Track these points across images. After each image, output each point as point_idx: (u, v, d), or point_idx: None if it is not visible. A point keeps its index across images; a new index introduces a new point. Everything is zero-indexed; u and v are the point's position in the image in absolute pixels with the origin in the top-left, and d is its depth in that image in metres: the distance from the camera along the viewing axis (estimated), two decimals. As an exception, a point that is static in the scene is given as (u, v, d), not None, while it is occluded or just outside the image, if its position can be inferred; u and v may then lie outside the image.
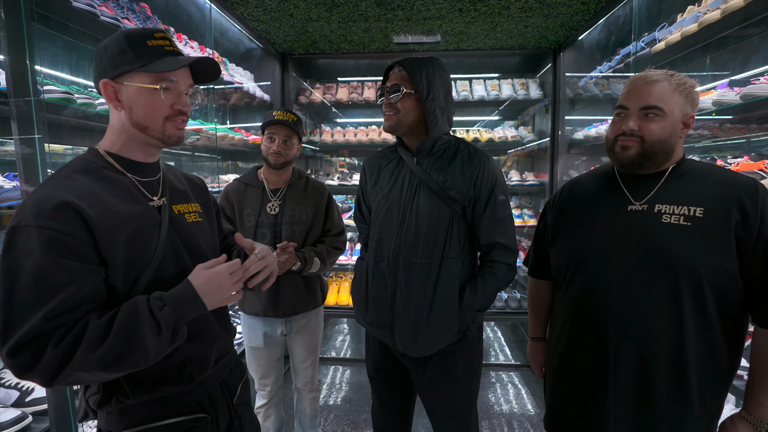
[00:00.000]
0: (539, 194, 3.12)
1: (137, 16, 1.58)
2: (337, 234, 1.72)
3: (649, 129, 0.92)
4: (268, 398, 1.75)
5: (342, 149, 3.26)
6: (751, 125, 1.63)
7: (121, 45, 0.74)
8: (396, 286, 1.21)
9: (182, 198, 0.91)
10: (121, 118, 0.78)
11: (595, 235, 1.00)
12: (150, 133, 0.79)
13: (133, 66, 0.74)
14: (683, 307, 0.88)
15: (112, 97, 0.76)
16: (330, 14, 2.16)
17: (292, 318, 1.68)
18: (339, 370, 2.89)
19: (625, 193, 0.99)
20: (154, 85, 0.75)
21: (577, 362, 1.02)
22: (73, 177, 0.74)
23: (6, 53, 0.95)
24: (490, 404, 2.44)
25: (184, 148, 2.25)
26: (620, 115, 0.97)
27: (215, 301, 0.77)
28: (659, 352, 0.90)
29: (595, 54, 2.33)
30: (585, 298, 1.00)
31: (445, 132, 1.23)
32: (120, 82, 0.75)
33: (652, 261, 0.91)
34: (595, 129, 2.34)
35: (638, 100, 0.93)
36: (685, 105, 0.92)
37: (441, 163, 1.21)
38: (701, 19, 1.43)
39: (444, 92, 1.20)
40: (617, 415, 0.95)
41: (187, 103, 0.81)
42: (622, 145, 0.95)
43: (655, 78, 0.92)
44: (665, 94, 0.91)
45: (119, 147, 0.80)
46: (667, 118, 0.91)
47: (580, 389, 1.02)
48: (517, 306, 2.81)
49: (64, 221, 0.67)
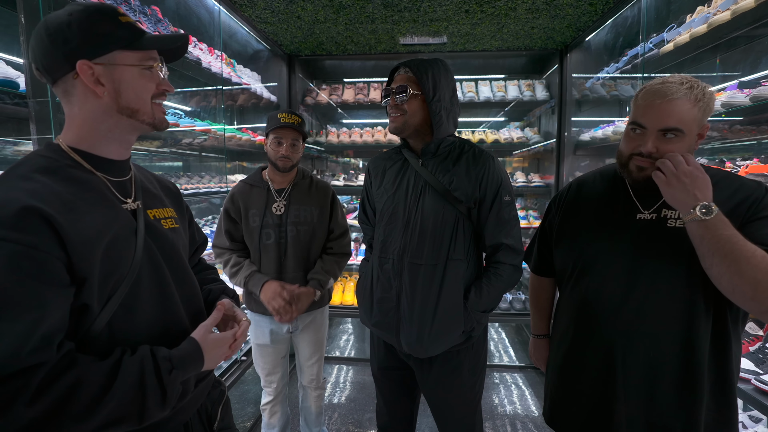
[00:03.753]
0: (545, 196, 3.12)
1: (149, 19, 1.60)
2: (341, 235, 1.73)
3: (668, 151, 0.88)
4: (274, 395, 1.77)
5: (348, 150, 3.28)
6: (762, 127, 1.62)
7: (95, 19, 0.65)
8: (401, 288, 1.21)
9: (156, 202, 0.81)
10: (102, 105, 0.67)
11: (601, 241, 1.00)
12: (140, 117, 0.71)
13: (119, 44, 0.66)
14: (691, 307, 0.88)
15: (92, 80, 0.65)
16: (337, 16, 2.17)
17: (298, 316, 1.70)
18: (343, 369, 2.90)
19: (634, 201, 0.98)
20: (143, 63, 0.69)
21: (583, 362, 1.03)
22: (33, 177, 0.61)
23: (26, 56, 0.98)
24: (494, 405, 2.44)
25: (192, 148, 2.28)
26: (636, 131, 0.93)
27: (212, 364, 0.74)
28: (669, 352, 0.91)
29: (602, 55, 2.32)
30: (591, 301, 1.00)
31: (450, 133, 1.23)
32: (101, 63, 0.65)
33: (659, 265, 0.91)
34: (601, 131, 2.33)
35: (657, 121, 0.88)
36: (703, 117, 0.88)
37: (446, 164, 1.21)
38: (711, 20, 1.42)
39: (449, 93, 1.20)
40: (629, 414, 0.95)
41: (168, 82, 0.74)
42: (639, 166, 0.92)
43: (675, 96, 0.86)
44: (685, 112, 0.86)
45: (89, 142, 0.69)
46: (686, 138, 0.88)
47: (588, 389, 1.02)
48: (521, 307, 2.80)
49: (31, 231, 0.55)
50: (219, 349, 0.74)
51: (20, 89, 1.03)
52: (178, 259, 0.79)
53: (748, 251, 0.77)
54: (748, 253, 0.77)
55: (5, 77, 1.02)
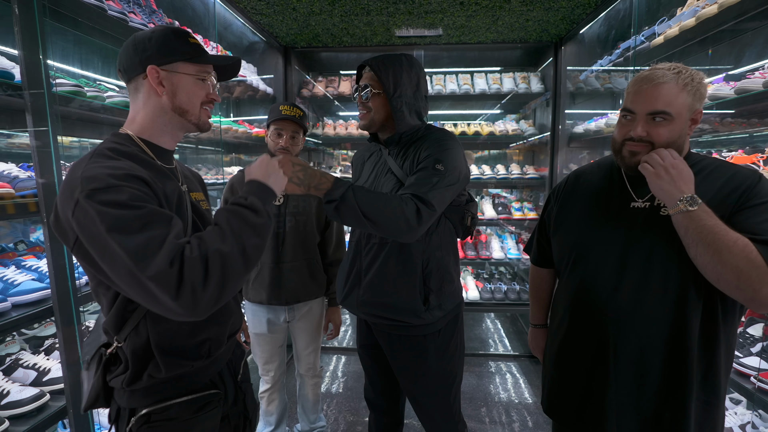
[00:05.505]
0: (539, 188, 3.15)
1: (143, 10, 1.61)
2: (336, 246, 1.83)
3: (657, 134, 0.90)
4: (272, 383, 1.81)
5: (344, 142, 3.29)
6: (752, 119, 1.65)
7: (169, 38, 0.83)
8: (362, 263, 1.28)
9: (194, 186, 0.97)
10: (161, 103, 0.83)
11: (597, 229, 1.01)
12: (188, 117, 0.86)
13: (182, 57, 0.83)
14: (682, 295, 0.90)
15: (156, 82, 0.81)
16: (332, 8, 2.17)
17: (294, 306, 1.73)
18: (342, 359, 2.95)
19: (629, 190, 0.99)
20: (198, 74, 0.85)
21: (577, 350, 1.04)
22: (118, 158, 0.76)
23: (20, 47, 0.99)
24: (489, 393, 2.49)
25: (188, 140, 2.28)
26: (627, 117, 0.95)
27: (279, 183, 0.88)
28: (658, 340, 0.92)
29: (596, 48, 2.34)
30: (585, 289, 1.02)
31: (412, 126, 1.26)
32: (166, 70, 0.82)
33: (651, 254, 0.92)
34: (595, 123, 2.35)
35: (645, 105, 0.90)
36: (693, 102, 0.89)
37: (408, 151, 1.25)
38: (699, 13, 1.44)
39: (412, 88, 1.23)
40: (619, 401, 0.97)
41: (216, 93, 0.91)
42: (631, 151, 0.94)
43: (662, 80, 0.88)
44: (673, 96, 0.88)
45: (150, 132, 0.85)
46: (675, 121, 0.89)
47: (582, 377, 1.03)
48: (516, 298, 2.85)
49: (139, 185, 0.71)
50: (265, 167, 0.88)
51: (15, 80, 1.05)
52: None
53: (730, 240, 0.80)
54: (730, 242, 0.79)
55: (0, 68, 1.03)
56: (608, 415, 0.98)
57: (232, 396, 0.98)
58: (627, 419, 0.97)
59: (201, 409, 0.87)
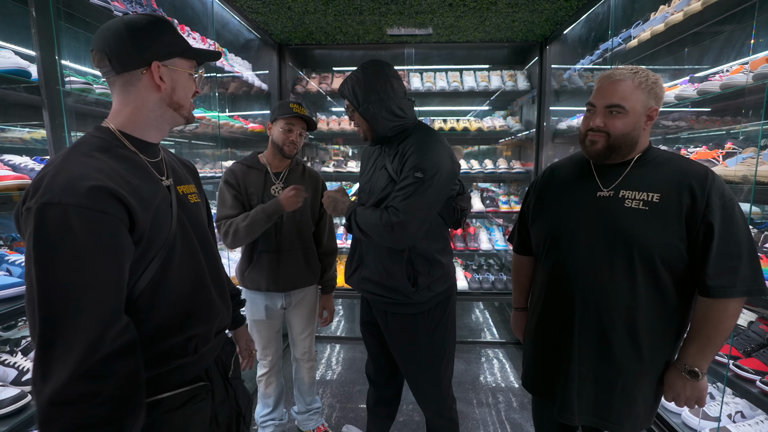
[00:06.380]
0: (525, 182, 3.27)
1: (144, 10, 1.67)
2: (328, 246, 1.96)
3: (613, 125, 1.02)
4: (269, 367, 1.90)
5: (337, 137, 3.37)
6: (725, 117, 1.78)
7: (170, 33, 0.82)
8: (362, 246, 1.46)
9: (182, 179, 0.94)
10: (159, 98, 0.82)
11: (568, 216, 1.12)
12: (182, 111, 0.86)
13: (180, 53, 0.83)
14: (637, 280, 1.02)
15: (158, 78, 0.80)
16: (326, 7, 2.25)
17: (291, 292, 1.82)
18: (336, 348, 3.05)
19: (596, 181, 1.10)
20: (190, 70, 0.86)
21: (549, 327, 1.16)
22: (94, 155, 0.73)
23: (37, 48, 1.05)
24: (477, 377, 2.62)
25: (184, 135, 2.35)
26: (590, 111, 1.07)
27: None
28: (616, 317, 1.04)
29: (578, 48, 2.45)
30: (557, 271, 1.13)
31: (389, 125, 1.34)
32: (166, 65, 0.81)
33: (613, 240, 1.03)
34: (577, 120, 2.47)
35: (603, 99, 1.02)
36: (648, 99, 1.00)
37: (398, 149, 1.34)
38: (668, 19, 1.55)
39: (380, 92, 1.30)
40: (581, 371, 1.09)
41: (198, 86, 0.92)
42: (591, 140, 1.06)
43: (618, 78, 1.01)
44: (627, 92, 0.99)
45: (135, 126, 0.82)
46: (629, 115, 1.00)
47: (551, 350, 1.16)
48: (503, 287, 2.97)
49: (103, 201, 0.67)
50: None
51: (32, 78, 1.11)
52: (202, 228, 0.93)
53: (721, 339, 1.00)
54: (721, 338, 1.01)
55: (18, 67, 1.10)
56: (571, 385, 1.10)
57: (221, 393, 0.95)
58: (587, 388, 1.09)
59: (188, 402, 0.85)
